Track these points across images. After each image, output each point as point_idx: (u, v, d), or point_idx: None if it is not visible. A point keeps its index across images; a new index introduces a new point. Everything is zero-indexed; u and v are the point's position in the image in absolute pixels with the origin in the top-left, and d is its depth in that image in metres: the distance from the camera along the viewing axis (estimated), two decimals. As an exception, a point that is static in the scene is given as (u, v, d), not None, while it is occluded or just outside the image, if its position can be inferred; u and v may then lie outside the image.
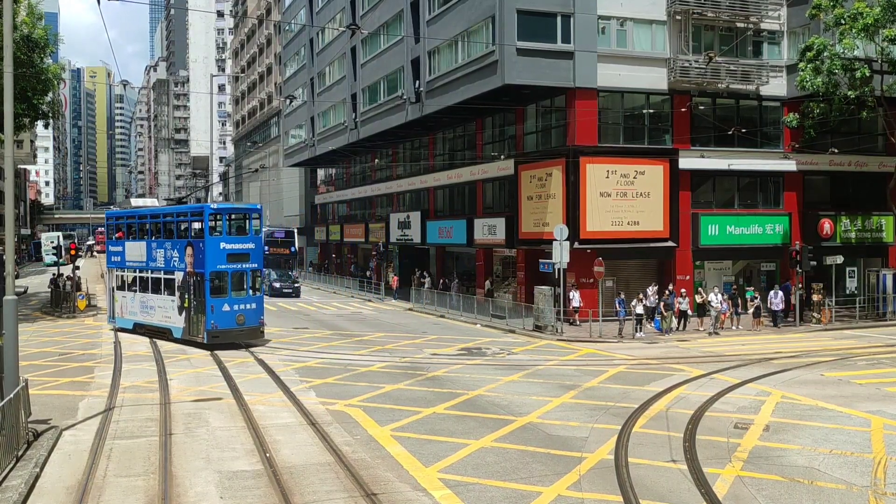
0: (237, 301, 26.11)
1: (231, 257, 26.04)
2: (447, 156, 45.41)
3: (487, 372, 21.48)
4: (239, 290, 26.32)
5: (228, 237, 26.39)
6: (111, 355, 24.86)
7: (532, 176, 35.24)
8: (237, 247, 26.32)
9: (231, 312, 25.95)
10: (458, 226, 42.30)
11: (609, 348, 26.41)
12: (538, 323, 30.65)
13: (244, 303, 26.26)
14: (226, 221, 26.60)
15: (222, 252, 25.89)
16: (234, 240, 26.49)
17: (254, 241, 27.09)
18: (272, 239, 54.75)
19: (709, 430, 14.99)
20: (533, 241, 35.39)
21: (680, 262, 34.57)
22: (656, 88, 34.09)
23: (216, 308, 25.68)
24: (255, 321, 26.60)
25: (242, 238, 26.90)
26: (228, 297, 25.99)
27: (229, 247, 26.09)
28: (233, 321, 25.94)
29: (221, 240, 26.04)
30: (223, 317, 25.76)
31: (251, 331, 26.54)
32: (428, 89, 39.82)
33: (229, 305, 25.92)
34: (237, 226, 27.60)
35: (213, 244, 25.84)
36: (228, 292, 26.02)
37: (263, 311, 27.37)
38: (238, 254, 26.24)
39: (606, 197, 33.04)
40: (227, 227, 26.66)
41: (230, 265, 26.03)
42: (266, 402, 17.61)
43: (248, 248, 26.63)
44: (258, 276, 27.13)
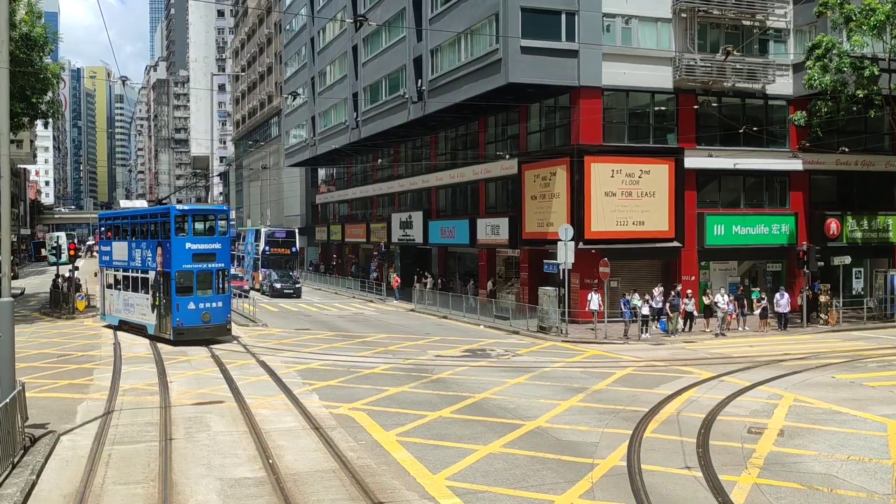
0: (203, 300, 26.82)
1: (197, 257, 26.76)
2: (449, 155, 45.06)
3: (493, 374, 21.12)
4: (205, 289, 26.93)
5: (194, 237, 27.07)
6: (110, 357, 24.51)
7: (536, 175, 34.89)
8: (203, 247, 27.03)
9: (197, 310, 26.69)
10: (460, 226, 41.94)
11: (615, 350, 26.06)
12: (542, 324, 30.30)
13: (210, 301, 26.97)
14: (191, 222, 27.25)
15: (188, 252, 26.66)
16: (199, 240, 27.16)
17: (220, 241, 27.76)
18: (273, 239, 54.45)
19: (722, 434, 14.63)
20: (537, 242, 35.03)
21: (685, 263, 34.21)
22: (661, 87, 33.74)
23: (182, 306, 26.49)
24: (221, 319, 27.29)
25: (208, 238, 27.52)
26: (194, 295, 26.68)
27: (195, 247, 26.83)
28: (198, 319, 26.69)
29: (187, 240, 26.77)
30: (189, 315, 26.53)
31: (217, 328, 27.20)
32: (430, 88, 39.47)
33: (195, 304, 26.66)
34: (204, 227, 28.12)
35: (178, 244, 26.59)
36: (194, 291, 26.70)
37: (230, 309, 28.21)
38: (204, 254, 26.93)
39: (611, 196, 32.67)
40: (193, 228, 27.29)
41: (196, 265, 26.74)
42: (268, 405, 17.26)
43: (215, 248, 27.33)
44: (225, 275, 27.76)
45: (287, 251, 54.30)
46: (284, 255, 54.17)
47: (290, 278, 51.13)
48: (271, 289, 49.26)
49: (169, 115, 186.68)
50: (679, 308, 29.56)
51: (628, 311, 28.77)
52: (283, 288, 49.09)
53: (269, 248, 53.85)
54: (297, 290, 49.99)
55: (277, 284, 49.26)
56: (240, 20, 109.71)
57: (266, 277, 51.51)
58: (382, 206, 56.03)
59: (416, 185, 48.95)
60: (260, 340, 28.31)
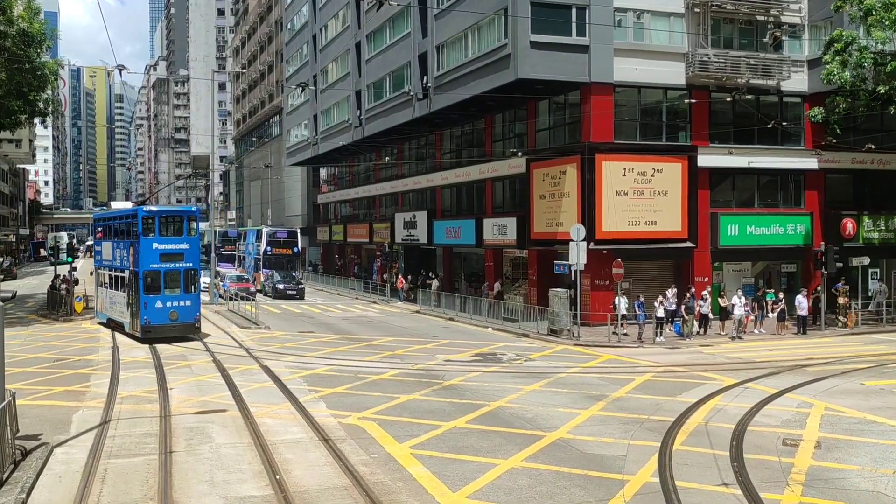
0: (170, 298, 27.45)
1: (164, 257, 27.42)
2: (455, 154, 44.22)
3: (507, 380, 20.27)
4: (173, 288, 27.59)
5: (161, 238, 27.76)
6: (108, 361, 23.65)
7: (545, 174, 34.04)
8: (170, 247, 27.65)
9: (164, 309, 27.35)
10: (466, 226, 41.09)
11: (631, 354, 25.21)
12: (553, 327, 29.45)
13: (178, 300, 27.59)
14: (158, 223, 27.97)
15: (155, 252, 27.35)
16: (167, 240, 27.80)
17: (189, 241, 28.24)
18: (275, 239, 53.44)
19: (756, 447, 13.78)
20: (546, 242, 34.19)
21: (698, 264, 33.37)
22: (674, 83, 32.91)
23: (149, 305, 27.22)
24: (189, 318, 27.84)
25: (176, 239, 28.07)
26: (161, 294, 27.33)
27: (162, 247, 27.49)
28: (165, 317, 27.34)
29: (154, 240, 27.48)
30: (156, 313, 27.20)
31: (185, 327, 27.79)
32: (436, 85, 38.62)
33: (162, 302, 27.32)
34: (173, 227, 28.61)
35: (146, 245, 27.32)
36: (161, 290, 27.35)
37: (199, 308, 28.80)
38: (171, 254, 27.55)
39: (623, 196, 31.83)
40: (160, 229, 27.98)
41: (163, 264, 27.41)
42: (274, 414, 16.41)
43: (183, 248, 27.90)
44: (193, 274, 28.27)
45: (289, 251, 53.35)
46: (286, 256, 53.19)
47: (293, 279, 50.13)
48: (274, 290, 48.41)
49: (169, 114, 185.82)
50: (694, 310, 28.69)
51: (643, 314, 27.91)
52: (287, 289, 48.06)
53: (271, 249, 52.90)
54: (301, 291, 48.97)
55: (280, 285, 48.26)
56: (240, 18, 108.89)
57: (268, 278, 50.40)
58: (385, 205, 55.19)
59: (420, 184, 48.10)
60: (263, 344, 27.47)
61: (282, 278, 49.43)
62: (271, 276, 50.06)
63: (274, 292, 48.36)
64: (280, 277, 49.46)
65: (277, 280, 48.95)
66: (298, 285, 49.44)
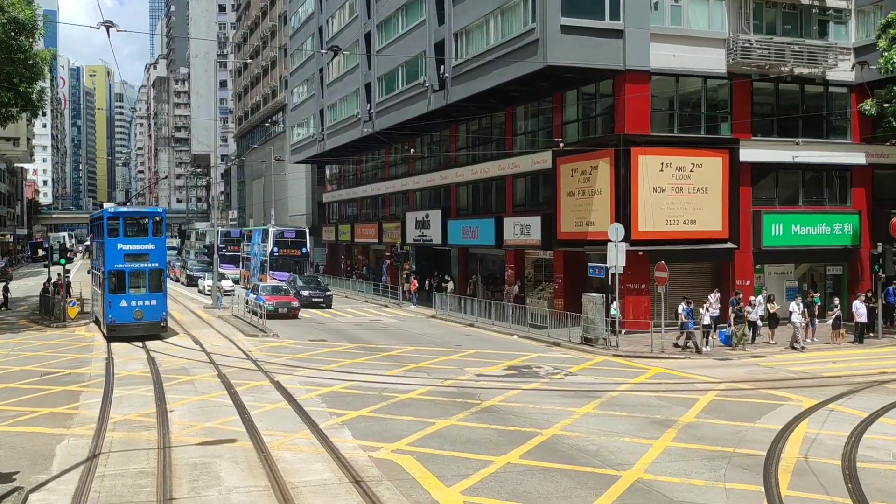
0: (135, 298, 27.94)
1: (129, 257, 27.96)
2: (472, 149, 41.78)
3: (553, 400, 17.86)
4: (138, 288, 28.07)
5: (126, 238, 28.20)
6: (101, 376, 21.24)
7: (574, 169, 31.62)
8: (135, 247, 28.14)
9: (129, 308, 27.88)
10: (484, 225, 38.67)
11: (680, 367, 22.78)
12: (587, 335, 27.03)
13: (143, 299, 28.09)
14: (123, 224, 28.37)
15: (119, 252, 27.94)
16: (132, 241, 28.23)
17: (154, 242, 28.63)
18: (282, 239, 50.34)
19: (880, 492, 11.39)
20: (574, 243, 31.79)
21: (739, 266, 30.98)
22: (714, 71, 30.49)
23: (114, 304, 27.83)
24: (154, 317, 28.33)
25: (142, 239, 28.46)
26: (126, 293, 27.85)
27: (126, 247, 28.01)
28: (130, 316, 27.86)
29: (119, 241, 28.02)
30: (120, 312, 27.80)
31: (150, 326, 28.21)
32: (454, 75, 36.19)
33: (127, 301, 27.85)
34: (138, 228, 28.92)
35: (111, 245, 28.01)
36: (126, 289, 27.87)
37: (166, 307, 29.44)
38: (136, 254, 28.08)
39: (660, 192, 29.43)
40: (125, 230, 28.37)
41: (128, 264, 27.96)
42: (291, 445, 14.01)
43: (148, 248, 28.38)
44: (159, 274, 28.76)
45: (297, 252, 50.37)
46: (294, 257, 50.16)
47: (318, 285, 43.95)
48: (298, 297, 40.65)
49: (169, 113, 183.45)
50: (743, 317, 26.25)
51: (691, 321, 25.45)
52: (312, 297, 41.12)
53: (279, 250, 49.81)
54: (328, 299, 42.07)
55: (304, 292, 41.15)
56: (242, 14, 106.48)
57: (290, 284, 44.51)
58: (396, 204, 52.75)
59: (433, 181, 45.67)
60: (272, 355, 25.05)
61: (305, 284, 43.06)
62: (293, 281, 44.67)
63: (299, 301, 39.85)
64: (303, 283, 43.12)
65: (301, 286, 42.28)
66: (326, 292, 42.64)
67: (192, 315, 37.90)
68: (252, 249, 55.88)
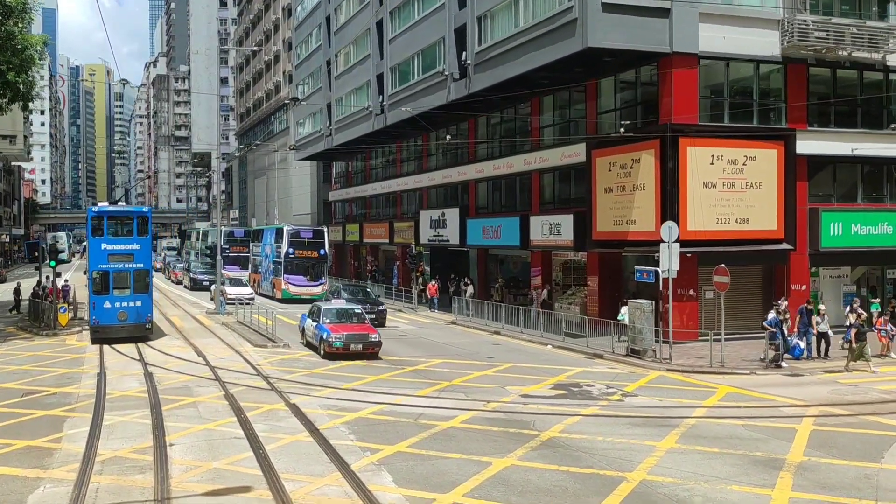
0: (119, 299, 27.31)
1: (113, 257, 27.35)
2: (493, 143, 39.05)
3: (622, 430, 15.11)
4: (122, 289, 27.41)
5: (110, 238, 27.55)
6: (91, 396, 18.50)
7: (612, 163, 28.90)
8: (120, 247, 27.49)
9: (112, 310, 27.24)
10: (508, 224, 35.93)
11: (749, 385, 20.02)
12: (635, 346, 24.29)
13: (127, 301, 27.42)
14: (106, 224, 27.64)
15: (104, 252, 27.36)
16: (116, 241, 27.57)
17: (139, 242, 27.89)
18: (298, 240, 45.44)
19: None
20: (612, 243, 29.10)
21: (795, 269, 28.28)
22: (767, 55, 27.74)
23: (97, 305, 27.26)
24: (139, 319, 27.60)
25: (126, 239, 27.76)
26: (110, 294, 27.25)
27: (110, 247, 27.40)
28: (114, 318, 27.23)
29: (103, 241, 27.43)
30: (104, 313, 27.20)
31: (134, 327, 27.52)
32: (477, 62, 33.44)
33: (110, 303, 27.23)
34: (123, 228, 28.18)
35: (94, 245, 27.57)
36: (110, 290, 27.28)
37: (152, 309, 28.55)
38: (120, 254, 27.42)
39: (710, 188, 26.74)
40: (109, 230, 27.68)
41: (112, 265, 27.36)
42: (320, 495, 11.27)
43: (133, 248, 27.67)
44: (145, 275, 27.98)
45: (314, 254, 45.07)
46: (311, 259, 44.87)
47: (366, 296, 35.68)
48: None
49: (169, 111, 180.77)
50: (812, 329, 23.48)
51: (780, 332, 22.44)
52: (363, 312, 28.11)
53: (294, 251, 44.62)
54: (382, 314, 32.97)
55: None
56: (244, 7, 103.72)
57: (335, 292, 37.73)
58: (408, 202, 50.04)
59: (450, 178, 42.95)
60: (285, 369, 22.31)
61: (352, 296, 34.61)
62: (337, 290, 37.69)
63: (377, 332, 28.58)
64: (349, 295, 34.91)
65: (346, 298, 33.74)
66: (378, 307, 33.52)
67: (194, 321, 35.14)
68: (263, 251, 51.43)
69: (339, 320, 25.50)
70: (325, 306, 27.09)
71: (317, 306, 27.31)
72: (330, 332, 24.31)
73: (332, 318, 25.57)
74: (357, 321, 25.79)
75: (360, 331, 24.69)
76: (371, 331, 25.08)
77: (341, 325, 25.02)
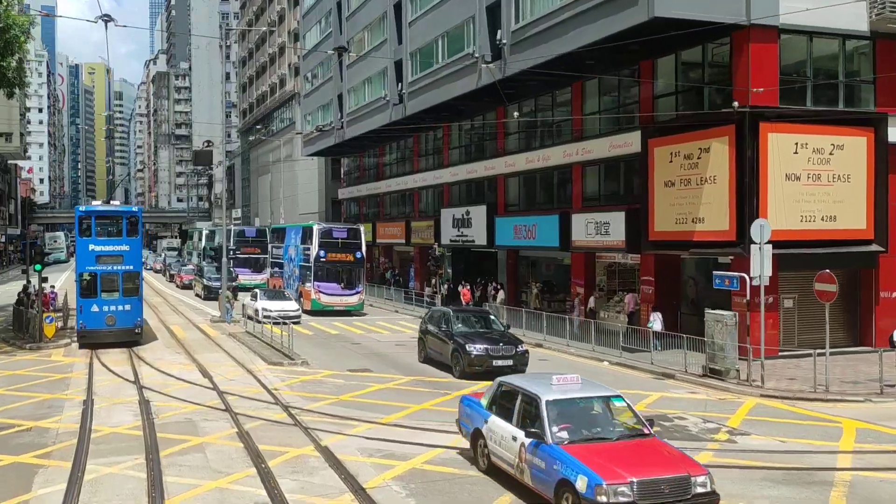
0: (107, 302, 26.06)
1: (101, 259, 26.13)
2: (526, 133, 35.51)
3: (764, 491, 11.58)
4: (110, 292, 26.19)
5: (98, 239, 26.37)
6: (73, 433, 14.97)
7: (674, 153, 25.35)
8: (108, 248, 26.32)
9: (100, 313, 26.00)
10: (545, 223, 32.41)
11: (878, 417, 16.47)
12: (714, 365, 20.76)
13: (115, 304, 26.20)
14: (94, 223, 26.43)
15: (91, 254, 26.16)
16: (104, 241, 26.40)
17: (129, 243, 26.68)
18: (330, 240, 38.18)
19: None
20: (673, 244, 25.59)
21: (885, 274, 24.75)
22: (854, 30, 24.21)
23: (84, 308, 25.99)
24: (128, 323, 26.38)
25: (115, 240, 26.58)
26: (98, 297, 26.03)
27: (98, 248, 26.20)
28: (101, 322, 25.97)
29: (90, 241, 26.24)
30: (91, 317, 25.97)
31: (123, 332, 26.26)
32: (514, 41, 29.93)
33: (98, 306, 25.99)
34: (112, 228, 27.05)
35: (82, 246, 26.37)
36: (98, 293, 26.05)
37: (142, 313, 27.32)
38: (109, 255, 26.23)
39: (794, 181, 23.24)
40: (97, 230, 26.46)
41: (99, 266, 26.12)
42: None
43: (122, 249, 26.49)
44: (135, 277, 26.74)
45: (350, 257, 38.21)
46: (346, 263, 38.07)
47: (485, 323, 23.30)
48: (460, 351, 21.50)
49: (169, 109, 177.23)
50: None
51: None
52: (492, 354, 21.08)
53: (326, 254, 37.65)
54: (521, 358, 21.48)
55: (479, 346, 21.26)
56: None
57: (433, 324, 23.89)
58: (427, 200, 46.49)
59: (475, 172, 39.40)
60: (307, 395, 18.76)
61: (468, 328, 22.59)
62: (441, 319, 23.63)
63: (462, 357, 21.24)
64: (463, 326, 22.66)
65: (461, 332, 22.20)
66: (516, 347, 21.71)
67: (197, 331, 31.58)
68: (286, 253, 44.64)
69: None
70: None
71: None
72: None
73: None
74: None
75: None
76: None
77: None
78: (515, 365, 20.94)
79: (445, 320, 23.18)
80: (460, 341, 21.57)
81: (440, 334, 22.93)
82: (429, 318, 24.74)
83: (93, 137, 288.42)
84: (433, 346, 23.41)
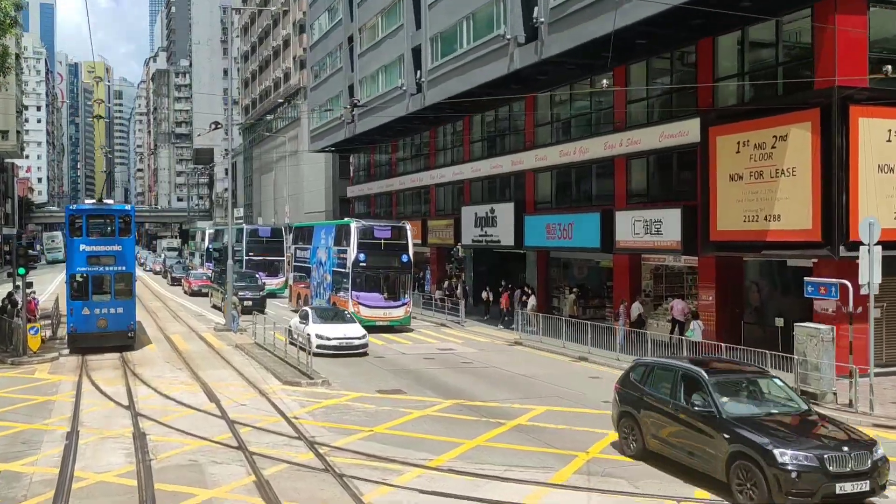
0: (99, 305, 25.20)
1: (92, 259, 25.23)
2: (559, 125, 32.52)
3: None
4: (102, 294, 25.34)
5: (89, 239, 25.46)
6: (51, 483, 11.98)
7: (742, 142, 22.34)
8: (100, 249, 25.43)
9: (91, 316, 25.16)
10: (583, 221, 29.44)
11: None
12: (807, 387, 17.77)
13: (107, 307, 25.39)
14: (86, 223, 25.44)
15: (82, 254, 25.25)
16: (95, 241, 25.50)
17: (121, 243, 25.67)
18: (371, 241, 32.17)
19: None
20: (739, 245, 22.63)
21: (984, 279, 21.69)
22: (948, -1, 21.25)
23: (75, 311, 25.21)
24: (121, 326, 25.49)
25: (107, 240, 25.64)
26: (89, 300, 25.19)
27: (89, 249, 25.31)
28: (93, 325, 25.12)
29: (81, 241, 25.35)
30: (82, 320, 25.14)
31: (115, 335, 25.40)
32: (553, 19, 26.94)
33: (89, 309, 25.18)
34: (104, 228, 26.01)
35: (73, 246, 25.50)
36: (89, 295, 25.20)
37: (135, 316, 26.36)
38: (100, 256, 25.36)
39: (887, 173, 20.24)
40: (88, 229, 25.47)
41: (91, 268, 25.23)
42: None
43: (114, 250, 25.55)
44: (128, 279, 25.70)
45: (395, 261, 32.32)
46: (390, 269, 32.31)
47: (769, 393, 13.15)
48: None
49: (169, 107, 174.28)
50: None
51: None
52: (830, 470, 10.84)
53: (366, 257, 31.76)
54: (880, 473, 11.24)
55: (802, 451, 10.96)
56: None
57: (685, 391, 12.94)
58: (445, 198, 43.50)
59: (500, 168, 36.42)
60: (334, 426, 15.74)
61: (758, 412, 12.24)
62: (692, 382, 12.82)
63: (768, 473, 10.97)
64: (741, 404, 12.43)
65: (746, 419, 11.90)
66: (872, 452, 11.28)
67: (200, 342, 28.57)
68: (313, 256, 37.83)
69: None
70: None
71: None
72: None
73: None
74: None
75: None
76: None
77: None
78: (873, 489, 11.16)
79: (689, 386, 12.76)
80: (754, 440, 11.19)
81: (686, 412, 12.51)
82: (641, 374, 14.18)
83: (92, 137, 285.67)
84: (664, 430, 12.99)
